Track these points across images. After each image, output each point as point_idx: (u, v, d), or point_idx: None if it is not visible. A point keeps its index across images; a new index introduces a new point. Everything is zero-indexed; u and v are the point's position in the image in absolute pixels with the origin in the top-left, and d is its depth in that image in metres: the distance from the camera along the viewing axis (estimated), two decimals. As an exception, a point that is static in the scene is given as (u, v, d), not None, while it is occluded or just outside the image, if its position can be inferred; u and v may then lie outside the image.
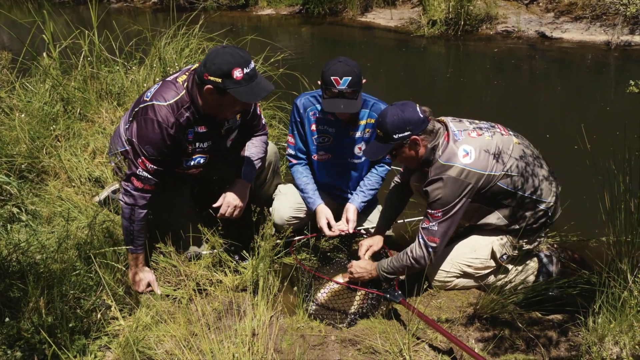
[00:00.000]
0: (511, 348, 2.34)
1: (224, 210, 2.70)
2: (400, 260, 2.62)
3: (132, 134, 2.45)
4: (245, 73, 2.34)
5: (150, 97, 2.46)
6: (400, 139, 2.49)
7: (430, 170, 2.51)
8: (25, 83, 4.26)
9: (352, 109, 2.77)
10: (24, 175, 3.32)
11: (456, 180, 2.43)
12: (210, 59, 2.35)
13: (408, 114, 2.47)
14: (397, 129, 2.47)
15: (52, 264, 2.30)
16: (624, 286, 2.21)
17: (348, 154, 3.10)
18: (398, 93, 6.35)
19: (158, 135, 2.42)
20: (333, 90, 2.73)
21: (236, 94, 2.34)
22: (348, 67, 2.73)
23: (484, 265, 2.73)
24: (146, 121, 2.41)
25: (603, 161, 2.53)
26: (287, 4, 11.37)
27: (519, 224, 2.65)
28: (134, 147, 2.45)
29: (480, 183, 2.47)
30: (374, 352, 2.29)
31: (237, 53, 2.36)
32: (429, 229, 2.53)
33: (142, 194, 2.50)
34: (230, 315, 2.43)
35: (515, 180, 2.53)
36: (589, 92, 6.44)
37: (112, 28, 4.87)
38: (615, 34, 7.65)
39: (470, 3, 8.60)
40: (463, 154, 2.46)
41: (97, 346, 2.17)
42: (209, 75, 2.34)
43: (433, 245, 2.53)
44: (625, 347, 2.09)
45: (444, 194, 2.45)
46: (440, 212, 2.49)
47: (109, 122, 4.01)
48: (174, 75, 2.56)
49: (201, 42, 4.95)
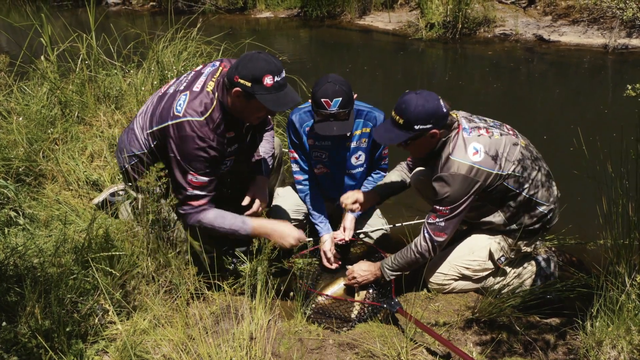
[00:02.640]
0: (509, 351, 2.34)
1: (256, 208, 2.74)
2: (404, 257, 2.62)
3: (174, 152, 2.43)
4: (275, 81, 2.33)
5: (183, 112, 2.40)
6: (421, 130, 2.43)
7: (439, 166, 2.50)
8: (23, 86, 4.26)
9: (345, 130, 2.74)
10: (21, 179, 3.32)
11: (465, 178, 2.43)
12: (244, 62, 2.34)
13: (433, 106, 2.41)
14: (420, 120, 2.41)
15: (49, 268, 2.30)
16: (622, 290, 2.21)
17: (346, 166, 3.10)
18: (396, 96, 6.34)
19: (201, 150, 2.40)
20: (324, 112, 2.70)
21: (263, 100, 2.33)
22: (338, 87, 2.67)
23: (481, 267, 2.74)
24: (186, 139, 2.39)
25: (600, 164, 2.53)
26: (285, 7, 11.38)
27: (518, 224, 2.66)
28: (180, 165, 2.43)
29: (489, 181, 2.47)
30: (372, 356, 2.28)
31: (271, 60, 2.34)
32: (435, 224, 2.53)
33: (202, 207, 2.53)
34: (228, 319, 2.42)
35: (521, 181, 2.54)
36: (587, 95, 6.46)
37: (110, 31, 4.87)
38: (613, 37, 7.67)
39: (468, 6, 8.62)
40: (473, 152, 2.46)
41: (94, 350, 2.16)
42: (240, 77, 2.33)
43: (439, 240, 2.54)
44: (623, 350, 2.09)
45: (452, 192, 2.45)
46: (447, 209, 2.49)
47: (106, 125, 4.01)
48: (200, 83, 2.50)
49: (199, 45, 4.95)
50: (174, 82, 2.67)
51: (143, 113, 2.70)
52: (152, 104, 2.66)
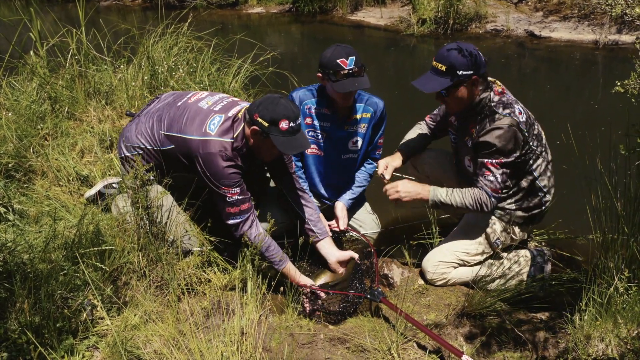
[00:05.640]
0: (499, 346, 2.36)
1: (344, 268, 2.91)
2: (463, 197, 2.62)
3: (202, 167, 2.57)
4: (290, 126, 2.48)
5: (215, 132, 2.56)
6: (464, 76, 2.52)
7: (487, 120, 2.56)
8: (12, 81, 4.23)
9: (366, 85, 2.78)
10: (11, 175, 3.29)
11: (515, 132, 2.50)
12: (266, 103, 2.50)
13: (474, 53, 2.52)
14: (463, 65, 2.50)
15: (39, 264, 2.29)
16: (610, 283, 2.24)
17: (341, 150, 3.09)
18: (387, 91, 6.36)
19: (227, 168, 2.56)
20: (342, 72, 2.75)
21: (276, 141, 2.48)
22: (348, 48, 2.78)
23: (479, 250, 2.76)
24: (213, 156, 2.54)
25: (590, 159, 2.55)
26: (277, 3, 11.33)
27: (520, 208, 2.73)
28: (210, 181, 2.58)
29: (525, 147, 2.56)
30: (363, 351, 2.29)
31: (290, 107, 2.51)
32: (492, 181, 2.56)
33: (248, 214, 2.66)
34: (219, 314, 2.42)
35: (540, 162, 2.65)
36: (577, 91, 6.49)
37: (100, 26, 4.84)
38: (603, 33, 7.70)
39: (459, 2, 8.63)
40: (518, 112, 2.56)
41: (85, 346, 2.16)
42: (259, 117, 2.48)
43: (497, 196, 2.59)
44: (611, 343, 2.11)
45: (503, 142, 2.50)
46: (501, 160, 2.53)
47: (97, 120, 3.99)
48: (235, 110, 2.67)
49: (190, 40, 4.93)
50: (207, 97, 2.80)
51: (156, 110, 2.84)
52: (176, 108, 2.77)
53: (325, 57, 2.80)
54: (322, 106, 2.99)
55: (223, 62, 4.88)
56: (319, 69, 2.85)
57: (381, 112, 3.04)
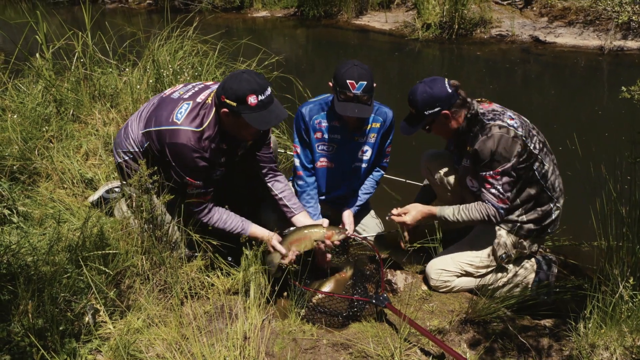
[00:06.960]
0: (503, 353, 2.34)
1: None
2: (470, 214, 2.64)
3: (169, 157, 2.51)
4: (259, 100, 2.40)
5: (181, 121, 2.49)
6: (431, 114, 2.61)
7: (478, 132, 2.60)
8: (18, 84, 4.24)
9: (366, 114, 2.75)
10: (15, 177, 3.30)
11: (508, 138, 2.52)
12: (229, 82, 2.42)
13: (437, 91, 2.59)
14: (427, 105, 2.60)
15: (42, 267, 2.29)
16: (615, 291, 2.22)
17: (351, 160, 3.08)
18: (392, 96, 6.36)
19: (194, 160, 2.50)
20: (348, 93, 2.71)
21: (249, 119, 2.41)
22: (364, 71, 2.72)
23: (484, 264, 2.75)
24: (180, 147, 2.48)
25: (595, 165, 2.54)
26: (282, 7, 11.37)
27: (527, 220, 2.72)
28: (176, 171, 2.53)
29: (524, 152, 2.55)
30: (366, 356, 2.29)
31: (253, 79, 2.41)
32: (495, 194, 2.57)
33: (205, 205, 2.66)
34: (221, 318, 2.42)
35: (546, 169, 2.63)
36: (582, 96, 6.48)
37: (106, 29, 4.86)
38: (608, 39, 7.69)
39: (464, 7, 8.63)
40: (509, 117, 2.60)
41: (87, 350, 2.15)
42: (226, 98, 2.41)
43: (504, 206, 2.59)
44: (615, 352, 2.10)
45: (496, 149, 2.51)
46: (499, 170, 2.54)
47: (101, 123, 4.00)
48: (205, 95, 2.59)
49: (195, 44, 4.94)
50: (180, 88, 2.73)
51: (141, 112, 2.76)
52: (153, 105, 2.71)
53: (339, 71, 2.75)
54: (333, 119, 2.96)
55: (228, 66, 4.89)
56: (332, 79, 2.81)
57: (390, 122, 3.03)
